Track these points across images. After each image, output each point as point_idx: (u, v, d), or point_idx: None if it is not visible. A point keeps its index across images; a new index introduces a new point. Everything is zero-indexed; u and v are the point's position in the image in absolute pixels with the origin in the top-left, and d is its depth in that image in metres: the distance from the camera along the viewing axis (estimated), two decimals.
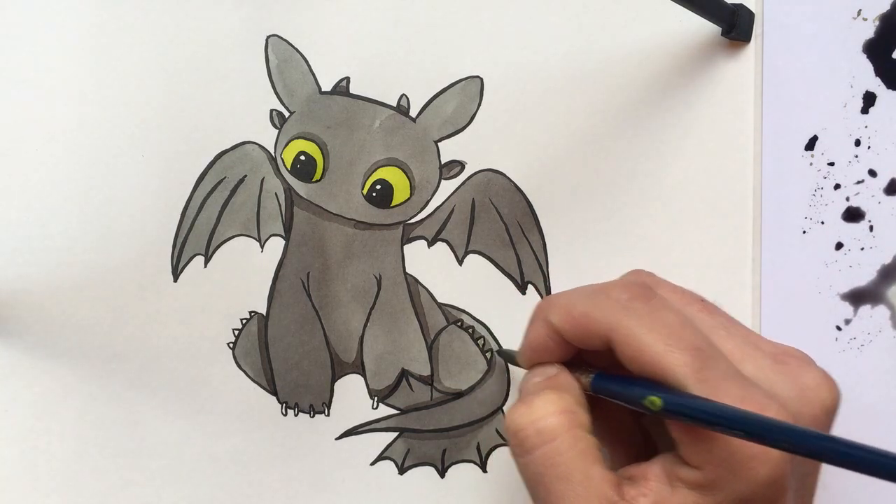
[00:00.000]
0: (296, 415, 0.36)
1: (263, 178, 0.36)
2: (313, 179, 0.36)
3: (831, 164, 0.34)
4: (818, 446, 0.24)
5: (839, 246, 0.34)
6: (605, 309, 0.27)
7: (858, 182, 0.34)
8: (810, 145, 0.34)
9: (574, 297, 0.29)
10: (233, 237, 0.36)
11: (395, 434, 0.36)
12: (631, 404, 0.26)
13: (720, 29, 0.34)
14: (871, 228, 0.34)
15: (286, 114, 0.36)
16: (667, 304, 0.27)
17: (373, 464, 0.36)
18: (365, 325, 0.36)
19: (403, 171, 0.36)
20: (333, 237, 0.36)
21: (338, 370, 0.36)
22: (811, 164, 0.34)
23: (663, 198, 0.35)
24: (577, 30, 0.35)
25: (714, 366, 0.26)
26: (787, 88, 0.35)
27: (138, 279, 0.36)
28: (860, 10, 0.34)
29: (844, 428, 0.34)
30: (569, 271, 0.35)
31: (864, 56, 0.34)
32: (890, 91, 0.34)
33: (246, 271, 0.36)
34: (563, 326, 0.28)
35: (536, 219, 0.35)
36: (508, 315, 0.35)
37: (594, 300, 0.28)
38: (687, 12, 0.33)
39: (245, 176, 0.36)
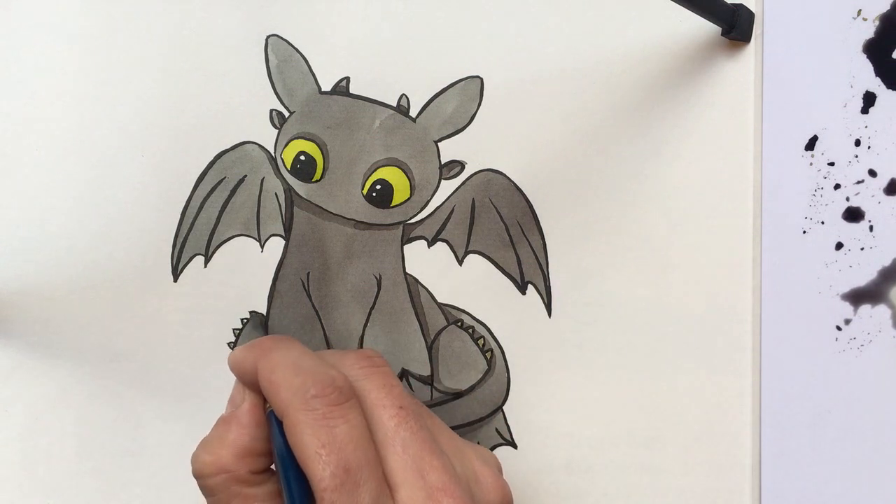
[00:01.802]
0: None
1: (263, 178, 0.36)
2: (313, 179, 0.36)
3: (831, 164, 0.34)
4: None
5: (839, 246, 0.34)
6: (289, 392, 0.28)
7: (858, 182, 0.34)
8: (810, 145, 0.34)
9: (283, 361, 0.29)
10: (233, 237, 0.36)
11: None
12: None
13: (720, 29, 0.34)
14: (871, 228, 0.34)
15: (286, 114, 0.36)
16: (348, 413, 0.27)
17: None
18: (365, 325, 0.36)
19: (403, 171, 0.36)
20: (333, 237, 0.36)
21: None
22: (811, 164, 0.34)
23: (663, 198, 0.35)
24: (577, 30, 0.35)
25: (352, 491, 0.26)
26: (787, 88, 0.35)
27: (138, 279, 0.36)
28: (860, 10, 0.34)
29: (845, 428, 0.34)
30: (569, 271, 0.35)
31: (864, 56, 0.34)
32: (890, 91, 0.34)
33: (246, 271, 0.36)
34: (260, 379, 0.29)
35: (536, 219, 0.35)
36: (508, 315, 0.35)
37: (290, 380, 0.28)
38: (687, 12, 0.33)
39: (245, 176, 0.36)
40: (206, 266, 0.36)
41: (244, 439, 0.29)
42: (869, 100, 0.34)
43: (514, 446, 0.35)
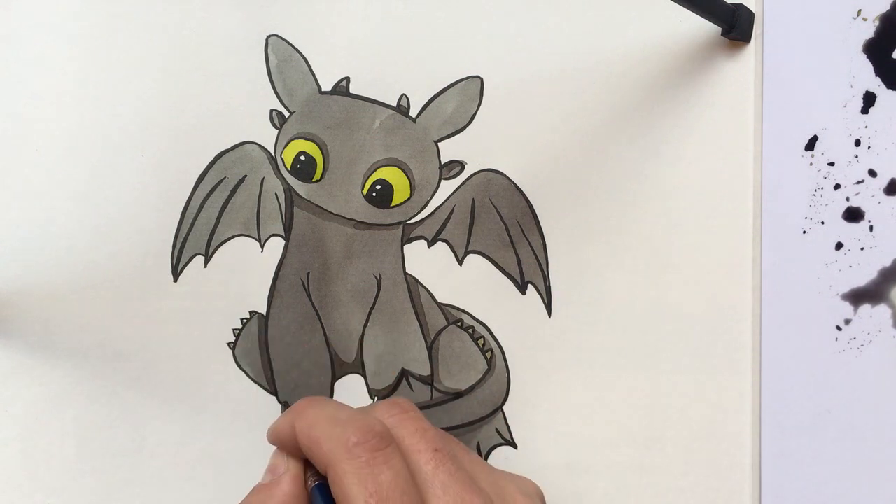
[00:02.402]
0: None
1: (263, 178, 0.36)
2: (313, 179, 0.36)
3: (831, 164, 0.34)
4: None
5: (839, 246, 0.34)
6: (331, 444, 0.28)
7: (858, 182, 0.34)
8: (810, 145, 0.34)
9: (320, 416, 0.29)
10: (233, 237, 0.36)
11: None
12: None
13: (720, 29, 0.34)
14: (871, 228, 0.34)
15: (286, 114, 0.36)
16: (390, 458, 0.28)
17: None
18: (365, 325, 0.36)
19: (403, 171, 0.36)
20: (333, 237, 0.36)
21: (338, 370, 0.36)
22: (811, 164, 0.34)
23: (663, 198, 0.35)
24: (577, 30, 0.35)
25: None
26: (787, 88, 0.35)
27: (138, 279, 0.36)
28: (860, 10, 0.34)
29: (845, 428, 0.34)
30: (569, 271, 0.35)
31: (864, 56, 0.34)
32: (890, 91, 0.34)
33: (246, 271, 0.36)
34: (299, 439, 0.29)
35: (536, 219, 0.35)
36: (508, 315, 0.35)
37: (330, 432, 0.28)
38: (687, 12, 0.33)
39: (245, 176, 0.36)
40: (206, 266, 0.36)
41: None
42: (869, 100, 0.34)
43: (514, 446, 0.35)
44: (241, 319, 0.36)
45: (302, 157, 0.36)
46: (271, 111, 0.36)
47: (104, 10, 0.36)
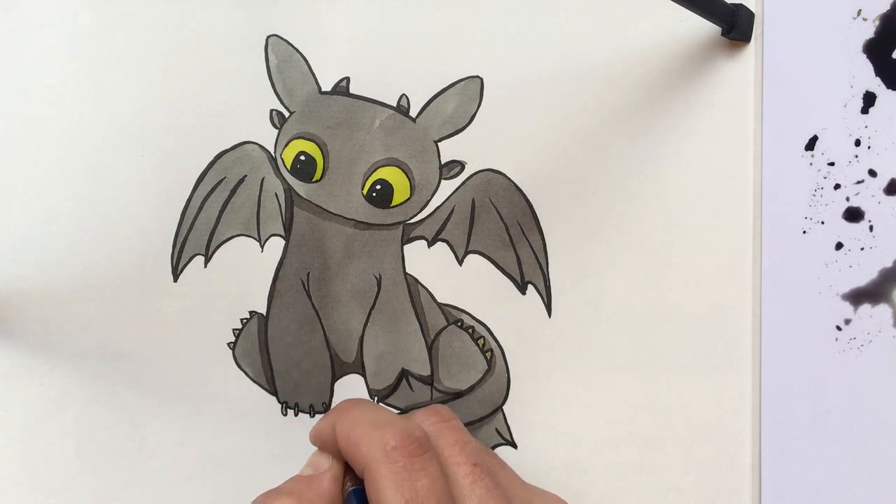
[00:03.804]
0: (296, 415, 0.36)
1: (263, 178, 0.36)
2: (313, 179, 0.36)
3: (831, 164, 0.34)
4: None
5: (839, 246, 0.34)
6: (370, 446, 0.28)
7: (858, 182, 0.34)
8: (810, 145, 0.34)
9: (360, 418, 0.29)
10: (233, 237, 0.36)
11: None
12: None
13: (720, 29, 0.34)
14: (871, 228, 0.34)
15: (286, 114, 0.36)
16: (428, 465, 0.28)
17: None
18: (365, 325, 0.36)
19: (403, 171, 0.36)
20: (333, 237, 0.36)
21: (338, 370, 0.36)
22: (811, 164, 0.34)
23: (663, 198, 0.35)
24: (577, 30, 0.35)
25: None
26: (787, 88, 0.35)
27: (138, 279, 0.36)
28: (860, 10, 0.34)
29: (845, 428, 0.34)
30: (569, 271, 0.35)
31: (864, 56, 0.34)
32: (890, 91, 0.34)
33: (246, 271, 0.36)
34: (338, 440, 0.29)
35: (536, 219, 0.35)
36: (508, 315, 0.35)
37: (369, 434, 0.28)
38: (687, 12, 0.33)
39: (245, 176, 0.36)
40: (206, 266, 0.36)
41: (322, 501, 0.29)
42: (869, 100, 0.34)
43: (514, 446, 0.35)
44: (241, 319, 0.36)
45: (302, 157, 0.36)
46: (271, 111, 0.36)
47: (104, 10, 0.36)
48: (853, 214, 0.34)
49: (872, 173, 0.34)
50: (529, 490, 0.31)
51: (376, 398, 0.36)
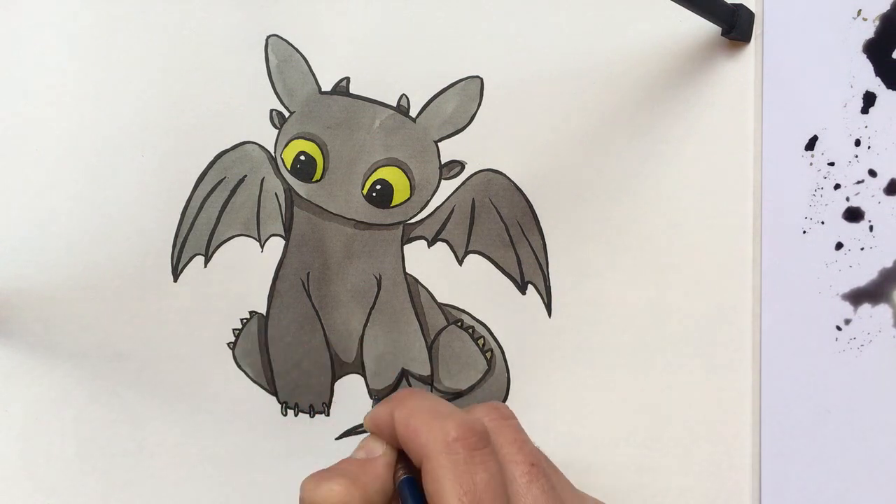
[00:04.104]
0: (296, 415, 0.36)
1: (263, 178, 0.36)
2: (313, 179, 0.36)
3: (831, 164, 0.34)
4: None
5: (839, 246, 0.34)
6: (430, 436, 0.28)
7: (858, 182, 0.34)
8: (810, 145, 0.34)
9: (421, 407, 0.29)
10: (233, 237, 0.36)
11: None
12: None
13: (720, 29, 0.34)
14: (871, 228, 0.34)
15: (286, 114, 0.36)
16: (487, 460, 0.27)
17: None
18: (365, 325, 0.36)
19: (403, 171, 0.36)
20: (333, 237, 0.36)
21: (338, 370, 0.36)
22: (811, 164, 0.34)
23: (663, 198, 0.35)
24: (577, 30, 0.35)
25: None
26: (787, 88, 0.35)
27: (138, 279, 0.36)
28: (860, 10, 0.34)
29: (845, 428, 0.34)
30: (569, 271, 0.35)
31: (864, 56, 0.34)
32: (890, 91, 0.34)
33: (246, 271, 0.36)
34: (397, 427, 0.29)
35: (536, 219, 0.35)
36: (508, 315, 0.35)
37: (430, 424, 0.28)
38: (687, 12, 0.33)
39: (245, 176, 0.36)
40: (206, 266, 0.36)
41: (375, 485, 0.29)
42: (869, 100, 0.34)
43: None
44: (241, 319, 0.36)
45: (302, 157, 0.36)
46: (271, 111, 0.36)
47: (104, 10, 0.36)
48: (853, 214, 0.34)
49: (872, 173, 0.34)
50: (580, 496, 0.31)
51: (376, 398, 0.36)
